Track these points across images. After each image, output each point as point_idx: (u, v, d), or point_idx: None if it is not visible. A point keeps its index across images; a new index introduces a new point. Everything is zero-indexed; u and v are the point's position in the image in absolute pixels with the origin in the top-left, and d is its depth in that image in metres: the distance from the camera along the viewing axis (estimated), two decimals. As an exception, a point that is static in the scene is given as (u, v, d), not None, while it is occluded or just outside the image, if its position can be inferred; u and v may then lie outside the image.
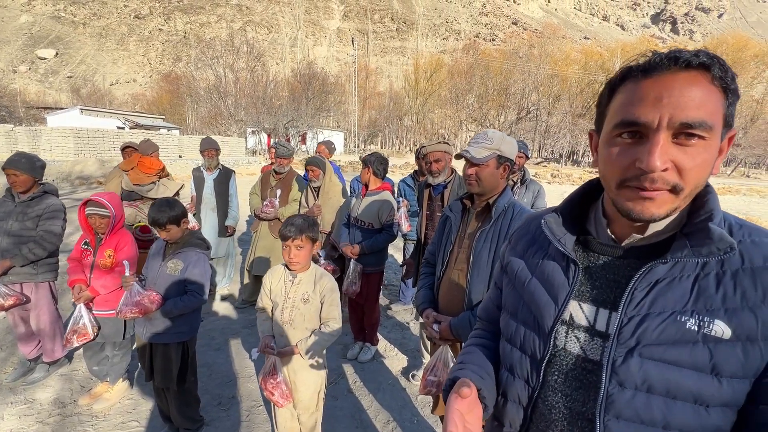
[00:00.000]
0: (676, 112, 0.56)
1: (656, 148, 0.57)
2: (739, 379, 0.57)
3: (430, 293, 1.77)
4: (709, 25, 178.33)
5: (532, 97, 47.94)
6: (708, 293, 0.59)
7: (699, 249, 0.59)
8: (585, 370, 0.68)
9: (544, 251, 0.80)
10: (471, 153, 1.57)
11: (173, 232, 2.00)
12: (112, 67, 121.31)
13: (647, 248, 0.67)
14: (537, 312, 0.76)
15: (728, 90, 0.58)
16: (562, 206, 0.79)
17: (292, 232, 1.72)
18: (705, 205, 0.63)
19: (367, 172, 3.05)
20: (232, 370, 2.98)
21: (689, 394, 0.59)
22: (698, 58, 0.56)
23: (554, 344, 0.72)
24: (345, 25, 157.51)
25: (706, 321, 0.58)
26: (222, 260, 4.38)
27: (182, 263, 2.00)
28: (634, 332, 0.62)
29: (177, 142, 22.07)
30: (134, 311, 1.92)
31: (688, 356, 0.59)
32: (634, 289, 0.64)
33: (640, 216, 0.61)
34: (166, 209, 1.97)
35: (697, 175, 0.59)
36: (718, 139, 0.59)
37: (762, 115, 43.19)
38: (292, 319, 1.79)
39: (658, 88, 0.58)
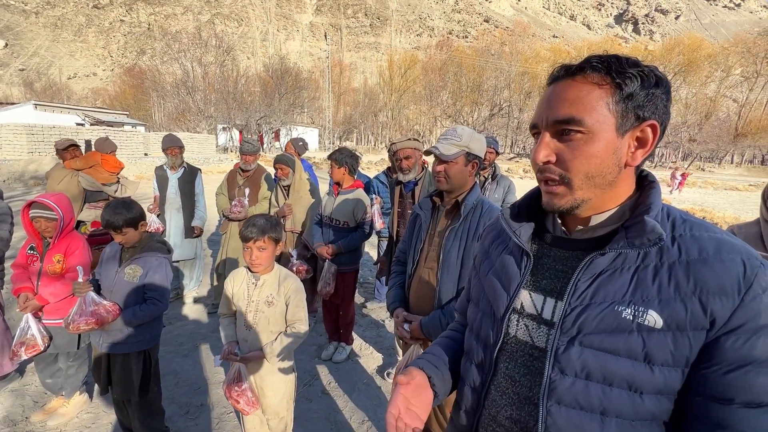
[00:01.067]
0: (550, 113, 0.66)
1: (540, 144, 0.67)
2: (670, 367, 0.60)
3: (400, 292, 1.75)
4: (668, 26, 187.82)
5: (504, 93, 49.03)
6: (645, 284, 0.62)
7: (633, 240, 0.62)
8: (532, 357, 0.72)
9: (505, 245, 0.84)
10: (440, 150, 1.56)
11: (130, 235, 1.88)
12: (69, 60, 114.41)
13: (594, 241, 0.70)
14: (493, 301, 0.80)
15: (618, 84, 0.62)
16: (520, 201, 0.83)
17: (253, 233, 1.65)
18: (646, 200, 0.67)
19: (342, 170, 2.96)
20: (200, 376, 2.86)
21: (624, 382, 0.61)
22: (580, 65, 0.65)
23: (506, 332, 0.76)
24: (318, 20, 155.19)
25: (640, 311, 0.60)
26: (189, 263, 4.22)
27: (141, 269, 1.88)
28: (575, 321, 0.65)
29: (142, 140, 21.09)
30: (90, 322, 1.78)
31: (624, 345, 0.61)
32: (578, 280, 0.67)
33: (547, 207, 0.70)
34: (122, 211, 1.84)
35: (582, 165, 0.64)
36: (606, 132, 0.63)
37: (715, 112, 46.03)
38: (256, 323, 1.73)
39: (545, 95, 0.69)
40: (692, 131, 42.04)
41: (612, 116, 0.63)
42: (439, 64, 57.61)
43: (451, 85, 52.66)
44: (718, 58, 47.96)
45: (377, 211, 3.14)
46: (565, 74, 0.67)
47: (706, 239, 0.62)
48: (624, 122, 0.63)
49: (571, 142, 0.65)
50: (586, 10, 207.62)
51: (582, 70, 0.65)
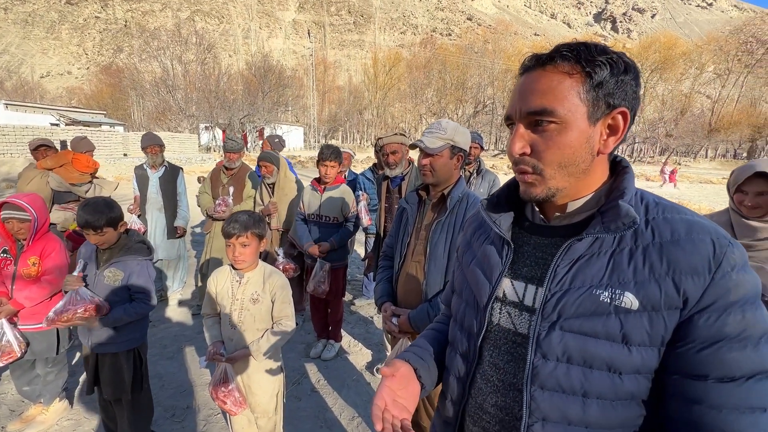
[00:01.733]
0: (523, 104, 0.66)
1: (514, 136, 0.68)
2: (647, 347, 0.61)
3: (388, 286, 1.76)
4: (644, 24, 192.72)
5: (488, 91, 49.51)
6: (621, 268, 0.63)
7: (609, 224, 0.64)
8: (515, 344, 0.72)
9: (487, 235, 0.85)
10: (425, 143, 1.56)
11: (109, 236, 1.81)
12: (41, 58, 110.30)
13: (571, 227, 0.71)
14: (476, 291, 0.81)
15: (587, 73, 0.62)
16: (498, 191, 0.84)
17: (236, 229, 1.63)
18: (620, 185, 0.68)
19: (335, 166, 2.92)
20: (186, 378, 2.81)
21: (603, 363, 0.63)
22: (548, 54, 0.65)
23: (489, 320, 0.77)
24: (301, 17, 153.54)
25: (617, 293, 0.62)
26: (173, 263, 4.13)
27: (122, 272, 1.82)
28: (555, 306, 0.66)
29: (121, 140, 20.50)
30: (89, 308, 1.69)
31: (602, 327, 0.62)
32: (557, 266, 0.68)
33: (524, 196, 0.71)
34: (104, 209, 1.77)
35: (554, 155, 0.65)
36: (578, 120, 0.64)
37: (690, 108, 47.54)
38: (241, 321, 1.70)
39: (517, 86, 0.69)
40: (669, 127, 43.30)
41: (583, 105, 0.64)
42: (423, 62, 57.80)
43: (436, 82, 52.91)
44: (692, 55, 49.56)
45: (364, 207, 3.12)
46: (535, 64, 0.66)
47: (677, 221, 0.63)
48: (595, 111, 0.64)
49: (545, 133, 0.65)
50: (566, 8, 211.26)
51: (552, 60, 0.64)
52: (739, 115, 47.98)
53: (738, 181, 1.77)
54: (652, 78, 47.80)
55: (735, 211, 1.80)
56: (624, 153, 43.69)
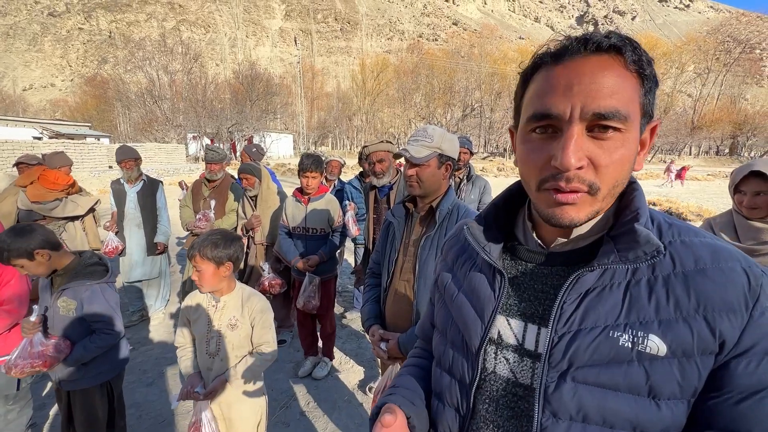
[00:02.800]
0: (589, 102, 0.50)
1: (570, 142, 0.50)
2: (677, 400, 0.51)
3: (375, 307, 1.63)
4: (625, 26, 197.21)
5: (476, 94, 49.95)
6: (640, 303, 0.53)
7: (626, 254, 0.53)
8: (516, 396, 0.61)
9: (473, 261, 0.73)
10: (410, 152, 1.45)
11: (28, 267, 1.61)
12: (23, 71, 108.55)
13: (575, 253, 0.60)
14: (464, 330, 0.68)
15: (644, 76, 0.52)
16: (485, 211, 0.73)
17: (192, 250, 1.50)
18: (631, 204, 0.57)
19: (317, 176, 2.79)
20: (166, 407, 2.63)
21: (627, 422, 0.52)
22: (609, 40, 0.50)
23: (483, 367, 0.65)
24: (287, 25, 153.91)
25: (640, 336, 0.51)
26: (155, 282, 3.94)
27: (74, 301, 1.66)
28: (565, 353, 0.55)
29: (106, 152, 20.08)
30: (36, 364, 1.56)
31: (623, 378, 0.52)
32: (563, 303, 0.56)
33: (560, 222, 0.55)
34: (7, 240, 1.55)
35: (615, 172, 0.52)
36: (636, 131, 0.53)
37: (672, 107, 48.55)
38: (218, 349, 1.56)
39: (568, 75, 0.52)
40: (653, 126, 44.21)
41: (639, 112, 0.53)
42: (410, 67, 58.13)
43: (424, 87, 53.20)
44: (672, 56, 50.76)
45: (351, 217, 3.00)
46: (596, 49, 0.51)
47: (698, 246, 0.54)
48: (644, 120, 0.54)
49: (606, 142, 0.51)
50: (550, 12, 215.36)
51: (618, 50, 0.50)
52: (720, 113, 49.18)
53: (735, 181, 1.72)
54: (635, 78, 48.76)
55: (737, 213, 1.74)
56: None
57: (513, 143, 0.64)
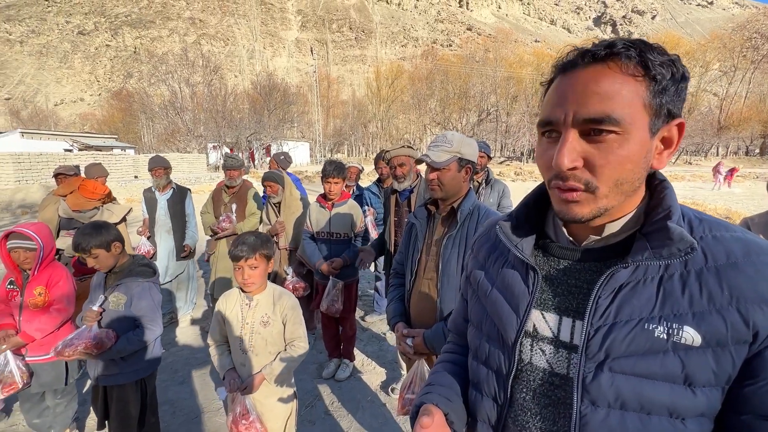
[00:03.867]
0: (579, 109, 0.55)
1: (564, 146, 0.56)
2: (712, 387, 0.54)
3: (400, 306, 1.69)
4: (645, 26, 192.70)
5: (491, 99, 49.67)
6: (674, 297, 0.55)
7: (660, 251, 0.56)
8: (553, 386, 0.64)
9: (505, 258, 0.75)
10: (431, 157, 1.52)
11: (102, 258, 1.78)
12: (55, 87, 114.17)
13: (607, 249, 0.63)
14: (500, 324, 0.72)
15: (652, 77, 0.54)
16: (517, 210, 0.75)
17: (243, 251, 1.59)
18: (662, 202, 0.60)
19: (339, 182, 2.89)
20: (197, 405, 2.75)
21: (664, 408, 0.55)
22: (605, 49, 0.55)
23: (520, 358, 0.68)
24: (303, 36, 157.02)
25: (674, 328, 0.54)
26: (184, 285, 4.10)
27: (125, 296, 1.80)
28: (602, 344, 0.58)
29: (132, 162, 20.93)
30: (89, 345, 1.68)
31: (660, 367, 0.55)
32: (599, 297, 0.59)
33: (566, 217, 0.60)
34: (91, 232, 1.76)
35: (613, 171, 0.56)
36: (640, 131, 0.55)
37: (697, 106, 47.02)
38: (252, 346, 1.65)
39: (565, 86, 0.58)
40: (677, 126, 42.85)
41: (646, 114, 0.55)
42: (425, 73, 58.35)
43: (439, 92, 53.29)
44: (696, 54, 49.24)
45: (371, 222, 3.07)
46: (593, 59, 0.56)
47: (729, 240, 0.56)
48: (657, 120, 0.56)
49: (602, 144, 0.55)
50: (566, 14, 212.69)
51: (615, 57, 0.54)
52: (749, 112, 47.29)
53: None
54: (657, 78, 47.51)
55: None
56: (632, 154, 43.23)
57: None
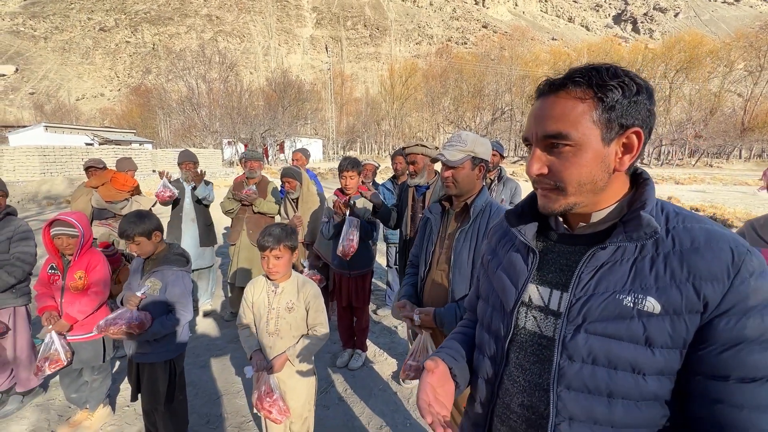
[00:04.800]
0: (539, 129, 0.71)
1: (532, 158, 0.73)
2: (669, 348, 0.64)
3: (411, 290, 1.81)
4: (667, 24, 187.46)
5: (506, 97, 49.12)
6: (643, 274, 0.67)
7: (631, 234, 0.68)
8: (540, 346, 0.77)
9: (512, 243, 0.89)
10: (446, 156, 1.61)
11: (143, 245, 1.94)
12: (77, 82, 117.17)
13: (594, 236, 0.75)
14: (502, 296, 0.85)
15: (600, 97, 0.66)
16: (523, 202, 0.88)
17: (269, 242, 1.71)
18: (641, 196, 0.72)
19: (354, 176, 3.00)
20: (218, 387, 2.91)
21: (628, 364, 0.66)
22: (561, 80, 0.70)
23: (516, 324, 0.81)
24: (318, 33, 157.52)
25: (640, 298, 0.65)
26: (204, 274, 4.28)
27: (160, 282, 1.95)
28: (580, 311, 0.70)
29: (150, 157, 21.46)
30: (132, 326, 1.84)
31: (626, 330, 0.66)
32: (581, 273, 0.72)
33: (544, 210, 0.76)
34: (135, 220, 1.92)
35: (574, 175, 0.70)
36: (592, 142, 0.68)
37: (720, 107, 45.63)
38: (278, 330, 1.78)
39: (535, 110, 0.74)
40: (698, 127, 41.67)
41: (596, 128, 0.67)
42: (439, 71, 58.03)
43: (452, 91, 52.94)
44: (720, 53, 47.71)
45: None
46: (550, 89, 0.71)
47: (697, 230, 0.67)
48: (609, 132, 0.68)
49: (561, 154, 0.70)
50: (584, 11, 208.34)
51: (564, 86, 0.69)
52: (775, 113, 45.69)
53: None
54: (678, 78, 46.28)
55: None
56: (651, 156, 42.25)
57: None
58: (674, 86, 46.00)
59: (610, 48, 55.84)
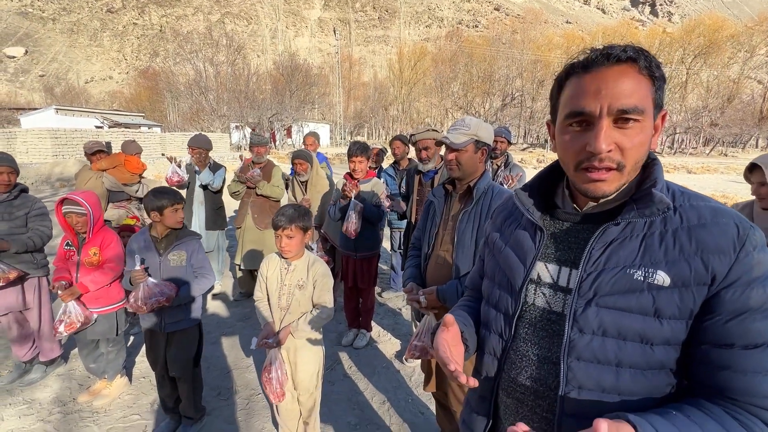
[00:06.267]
0: (614, 101, 0.67)
1: (601, 133, 0.68)
2: (677, 319, 0.68)
3: (416, 271, 1.87)
4: (687, 6, 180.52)
5: (516, 83, 48.16)
6: (653, 249, 0.70)
7: (643, 210, 0.70)
8: (549, 321, 0.79)
9: (518, 222, 0.92)
10: (450, 139, 1.65)
11: (167, 217, 2.04)
12: (86, 64, 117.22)
13: (603, 214, 0.77)
14: (510, 274, 0.87)
15: (654, 77, 0.69)
16: (531, 181, 0.91)
17: (282, 222, 1.78)
18: (651, 175, 0.74)
19: (363, 161, 3.03)
20: (229, 362, 3.03)
21: (637, 335, 0.69)
22: (626, 53, 0.68)
23: (524, 301, 0.84)
24: (326, 15, 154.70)
25: (650, 272, 0.68)
26: (213, 256, 4.39)
27: (185, 252, 2.09)
28: (591, 285, 0.73)
29: (159, 140, 21.62)
30: (161, 301, 1.95)
31: (636, 303, 0.69)
32: (592, 249, 0.74)
33: (594, 194, 0.74)
34: (162, 195, 2.02)
35: (636, 152, 0.70)
36: (651, 120, 0.70)
37: (738, 94, 44.29)
38: (288, 305, 1.86)
39: (596, 82, 0.69)
40: (714, 115, 40.59)
41: (652, 106, 0.70)
42: (449, 55, 56.98)
43: (462, 76, 52.05)
44: (741, 38, 46.02)
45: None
46: (616, 60, 0.68)
47: (703, 207, 0.70)
48: (656, 111, 0.71)
49: (628, 131, 0.69)
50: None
51: (628, 60, 0.68)
52: (796, 101, 44.22)
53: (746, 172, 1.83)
54: (696, 64, 44.88)
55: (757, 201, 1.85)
56: (664, 144, 41.40)
57: (550, 133, 0.84)
58: (691, 72, 44.63)
59: (626, 32, 54.20)
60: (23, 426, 2.34)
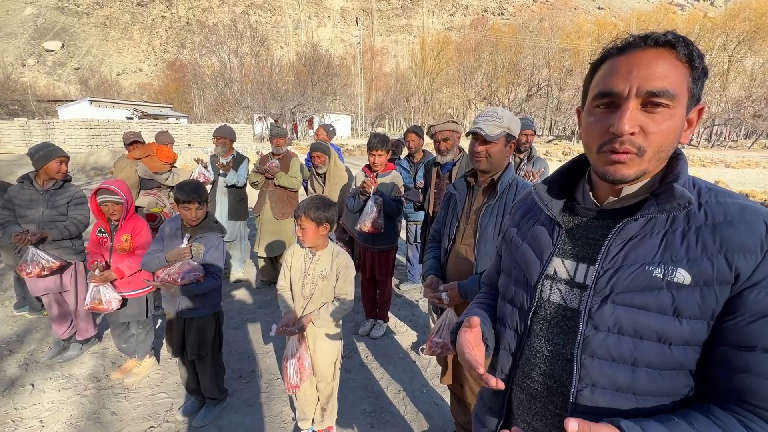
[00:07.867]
0: (643, 83, 0.64)
1: (626, 113, 0.65)
2: (697, 319, 0.65)
3: (436, 263, 1.83)
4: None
5: (543, 72, 46.61)
6: (674, 246, 0.67)
7: (663, 205, 0.67)
8: (565, 317, 0.78)
9: (536, 218, 0.90)
10: (485, 130, 1.59)
11: (194, 210, 2.11)
12: (117, 57, 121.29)
13: (623, 210, 0.75)
14: (526, 269, 0.86)
15: (693, 66, 0.66)
16: (551, 176, 0.88)
17: (296, 212, 1.83)
18: (674, 170, 0.72)
19: (383, 154, 3.02)
20: (250, 347, 3.13)
21: (654, 334, 0.67)
22: (665, 37, 0.65)
23: (540, 296, 0.82)
24: (349, 5, 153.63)
25: (670, 270, 0.66)
26: (236, 245, 4.51)
27: (203, 247, 2.13)
28: (608, 282, 0.70)
29: (186, 131, 22.25)
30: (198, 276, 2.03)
31: (654, 301, 0.66)
32: (610, 245, 0.72)
33: (614, 177, 0.70)
34: (192, 190, 2.09)
35: (660, 139, 0.66)
36: (682, 108, 0.66)
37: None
38: (311, 294, 1.90)
39: (629, 63, 0.67)
40: (757, 106, 38.05)
41: (687, 95, 0.66)
42: (473, 45, 55.65)
43: (486, 65, 50.78)
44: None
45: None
46: (653, 44, 0.66)
47: (730, 204, 0.66)
48: (691, 102, 0.67)
49: (655, 115, 0.66)
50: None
51: (667, 44, 0.65)
52: None
53: None
54: (740, 50, 42.05)
55: None
56: (700, 137, 39.27)
57: (579, 122, 0.80)
58: (734, 60, 41.88)
59: (663, 17, 51.29)
60: (62, 398, 2.50)
